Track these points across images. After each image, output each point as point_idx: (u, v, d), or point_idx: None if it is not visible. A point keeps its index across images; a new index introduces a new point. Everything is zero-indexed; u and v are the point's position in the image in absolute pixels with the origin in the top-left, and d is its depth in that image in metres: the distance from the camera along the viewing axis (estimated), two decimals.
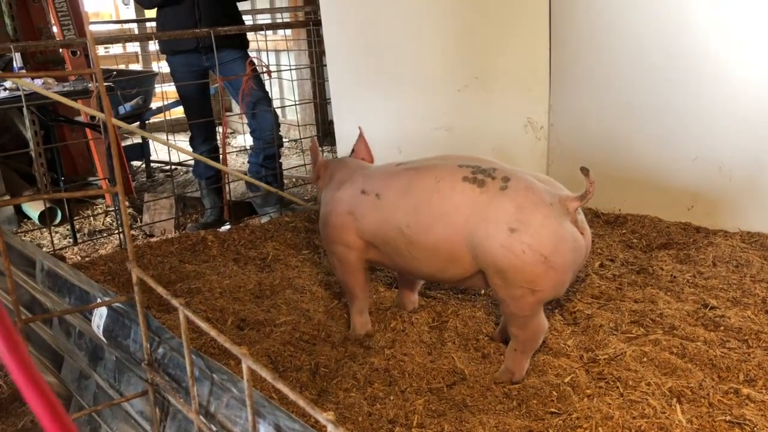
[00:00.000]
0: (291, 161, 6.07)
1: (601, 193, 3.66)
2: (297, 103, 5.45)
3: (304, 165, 5.34)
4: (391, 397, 2.04)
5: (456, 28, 3.76)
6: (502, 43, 3.77)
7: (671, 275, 2.78)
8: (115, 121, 2.84)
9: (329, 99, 4.13)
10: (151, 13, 5.70)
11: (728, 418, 1.82)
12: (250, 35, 4.54)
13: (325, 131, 5.82)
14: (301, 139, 5.10)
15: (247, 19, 6.67)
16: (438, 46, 3.79)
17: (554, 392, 2.00)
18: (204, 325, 0.88)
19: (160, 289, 1.03)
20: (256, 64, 4.14)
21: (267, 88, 4.21)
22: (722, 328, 2.32)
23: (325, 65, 4.05)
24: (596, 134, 3.68)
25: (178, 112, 6.25)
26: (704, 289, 2.63)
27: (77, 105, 3.70)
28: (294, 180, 5.35)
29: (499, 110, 3.86)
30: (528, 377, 2.12)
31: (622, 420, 1.83)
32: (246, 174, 4.43)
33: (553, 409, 1.92)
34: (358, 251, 2.35)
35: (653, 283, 2.72)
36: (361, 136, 2.66)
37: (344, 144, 4.07)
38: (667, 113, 3.38)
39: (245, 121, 4.27)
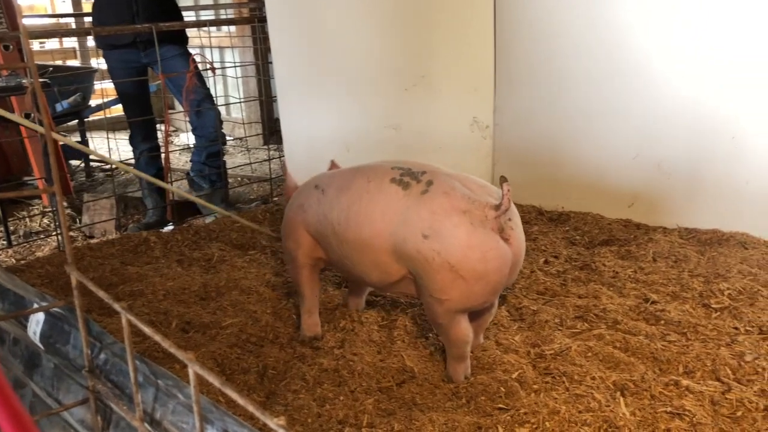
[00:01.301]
0: (236, 159, 5.98)
1: (545, 191, 3.76)
2: (242, 100, 5.37)
3: (250, 164, 5.28)
4: (341, 398, 2.03)
5: (402, 27, 3.76)
6: (448, 42, 3.80)
7: (613, 271, 2.85)
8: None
9: (275, 97, 4.08)
10: (89, 6, 5.52)
11: (669, 409, 1.87)
12: (193, 32, 4.45)
13: (271, 129, 5.77)
14: (246, 137, 5.04)
15: (190, 15, 6.54)
16: (385, 45, 3.79)
17: (502, 388, 2.03)
18: (147, 330, 0.85)
19: (100, 293, 0.99)
20: (199, 60, 4.06)
21: (211, 85, 4.14)
22: (662, 321, 2.39)
23: (271, 62, 4.01)
24: (540, 133, 3.74)
25: (119, 109, 6.08)
26: (645, 284, 2.71)
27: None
28: (239, 179, 5.28)
29: (445, 109, 3.89)
30: (477, 374, 2.13)
31: (568, 414, 1.86)
32: (189, 173, 4.35)
33: (501, 405, 1.94)
34: (306, 248, 2.33)
35: (596, 279, 2.78)
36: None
37: (291, 143, 4.03)
38: (609, 113, 3.46)
39: (188, 118, 4.18)
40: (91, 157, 5.54)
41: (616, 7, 3.35)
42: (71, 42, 8.26)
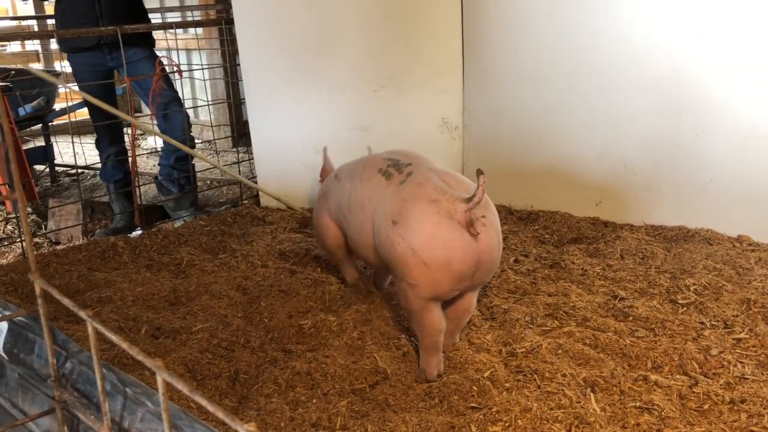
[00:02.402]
0: (205, 163, 5.92)
1: (515, 190, 3.79)
2: (210, 103, 5.33)
3: (219, 167, 5.22)
4: (314, 401, 2.02)
5: (370, 29, 3.77)
6: (416, 44, 3.81)
7: (582, 269, 2.88)
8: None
9: (244, 99, 4.05)
10: (52, 9, 5.42)
11: (638, 404, 1.90)
12: (159, 34, 4.40)
13: (240, 132, 5.72)
14: (215, 140, 4.99)
15: (156, 17, 6.46)
16: (353, 47, 3.79)
17: (474, 387, 2.04)
18: (114, 338, 0.84)
19: (65, 301, 0.97)
20: (167, 63, 4.01)
21: (179, 88, 4.09)
22: (631, 318, 2.42)
23: (239, 64, 3.98)
24: (509, 133, 3.77)
25: (84, 113, 5.98)
26: (613, 281, 2.75)
27: None
28: (208, 182, 5.23)
29: (415, 111, 3.90)
30: (449, 373, 2.14)
31: (540, 411, 1.87)
32: (157, 177, 4.29)
33: (473, 404, 1.95)
34: (331, 233, 2.57)
35: (565, 277, 2.81)
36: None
37: (260, 145, 4.00)
38: (576, 113, 3.51)
39: (156, 122, 4.13)
40: (57, 161, 5.44)
41: (582, 8, 3.39)
42: (34, 45, 8.10)
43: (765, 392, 1.92)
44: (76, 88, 3.87)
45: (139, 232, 3.82)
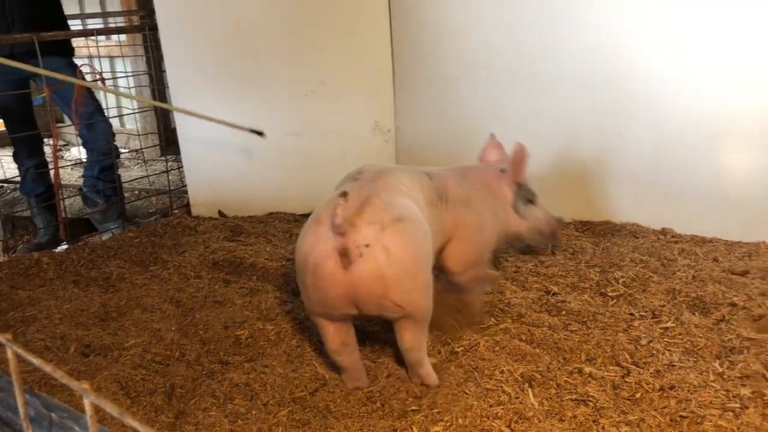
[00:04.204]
0: (132, 172, 5.76)
1: None
2: (136, 111, 5.18)
3: (147, 176, 5.10)
4: (254, 412, 1.98)
5: (296, 33, 3.74)
6: (344, 47, 3.80)
7: (515, 266, 2.94)
8: None
9: None
10: None
11: (574, 396, 1.95)
12: (80, 41, 4.25)
13: (168, 140, 5.58)
14: (142, 148, 4.86)
15: (76, 24, 6.25)
16: (280, 51, 3.76)
17: (415, 389, 2.04)
18: (36, 361, 0.80)
19: None
20: (87, 71, 3.88)
21: (102, 96, 3.96)
22: (564, 312, 2.48)
23: (165, 71, 3.88)
24: (441, 135, 3.81)
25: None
26: (546, 276, 2.81)
27: None
28: (137, 192, 5.08)
29: (346, 114, 3.89)
30: (389, 377, 2.14)
31: (480, 409, 1.89)
32: (82, 189, 4.15)
33: (414, 407, 1.96)
34: None
35: (500, 274, 2.85)
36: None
37: (189, 153, 3.92)
38: (505, 113, 3.57)
39: (78, 132, 3.99)
40: None
41: (506, 9, 3.45)
42: None
43: (691, 378, 2.00)
44: None
45: (64, 246, 3.67)
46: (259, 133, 3.21)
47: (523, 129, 3.54)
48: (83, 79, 3.82)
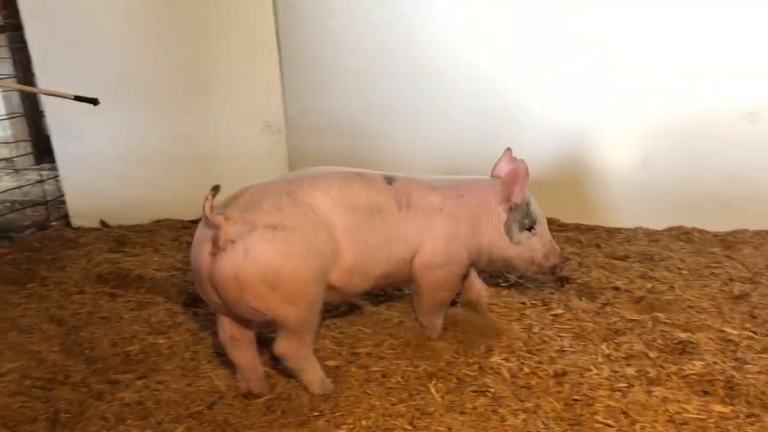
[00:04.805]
0: (2, 183, 5.35)
1: None
2: (5, 117, 4.82)
3: (20, 186, 4.76)
4: (148, 431, 1.89)
5: (179, 33, 3.61)
6: (229, 48, 3.71)
7: None
8: None
9: (44, 111, 3.72)
10: None
11: (474, 388, 1.98)
12: None
13: (43, 148, 5.23)
14: (13, 157, 4.53)
15: None
16: (162, 52, 3.62)
17: None
18: None
19: None
20: None
21: None
22: (459, 305, 2.52)
23: (34, 74, 3.64)
24: (333, 133, 3.79)
25: None
26: None
27: None
28: (9, 204, 4.72)
29: (235, 115, 3.81)
30: (289, 382, 2.09)
31: (382, 408, 1.89)
32: None
33: (316, 412, 1.93)
34: None
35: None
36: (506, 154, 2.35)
37: (67, 161, 3.69)
38: (395, 110, 3.61)
39: None
40: None
41: (394, 8, 3.48)
42: None
43: (582, 362, 2.08)
44: None
45: None
46: (92, 101, 2.88)
47: (416, 128, 3.60)
48: None
